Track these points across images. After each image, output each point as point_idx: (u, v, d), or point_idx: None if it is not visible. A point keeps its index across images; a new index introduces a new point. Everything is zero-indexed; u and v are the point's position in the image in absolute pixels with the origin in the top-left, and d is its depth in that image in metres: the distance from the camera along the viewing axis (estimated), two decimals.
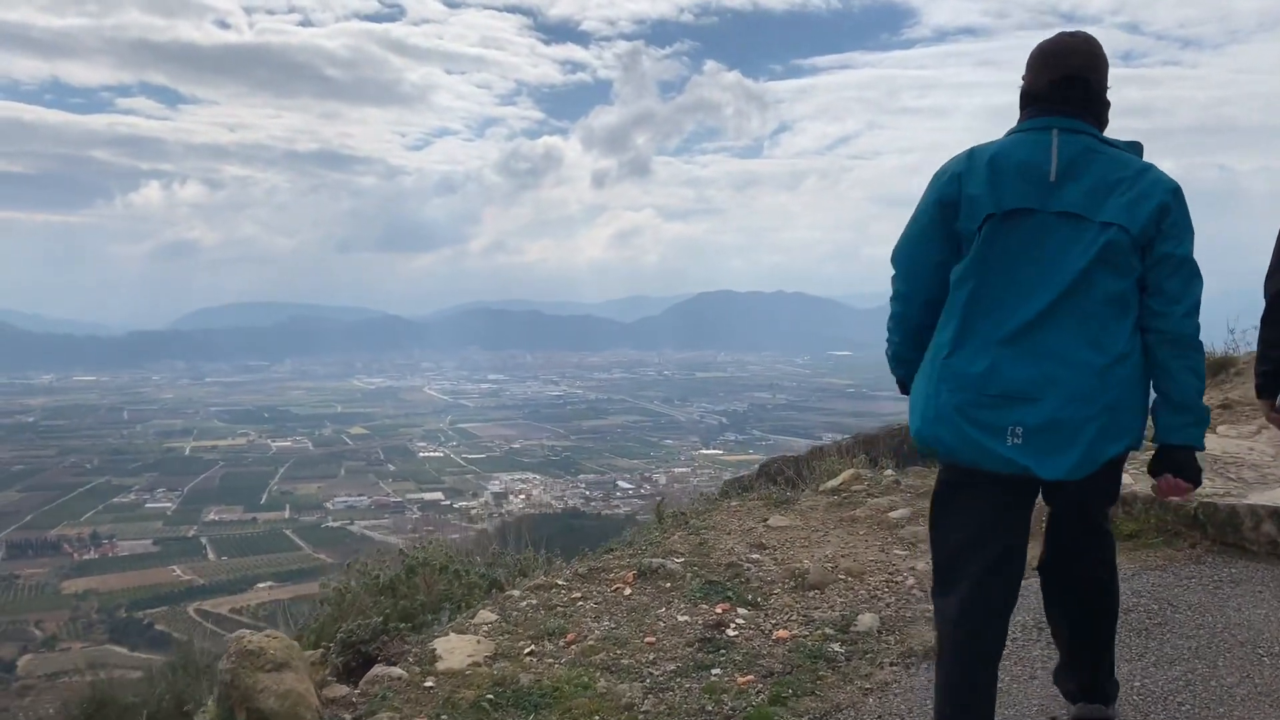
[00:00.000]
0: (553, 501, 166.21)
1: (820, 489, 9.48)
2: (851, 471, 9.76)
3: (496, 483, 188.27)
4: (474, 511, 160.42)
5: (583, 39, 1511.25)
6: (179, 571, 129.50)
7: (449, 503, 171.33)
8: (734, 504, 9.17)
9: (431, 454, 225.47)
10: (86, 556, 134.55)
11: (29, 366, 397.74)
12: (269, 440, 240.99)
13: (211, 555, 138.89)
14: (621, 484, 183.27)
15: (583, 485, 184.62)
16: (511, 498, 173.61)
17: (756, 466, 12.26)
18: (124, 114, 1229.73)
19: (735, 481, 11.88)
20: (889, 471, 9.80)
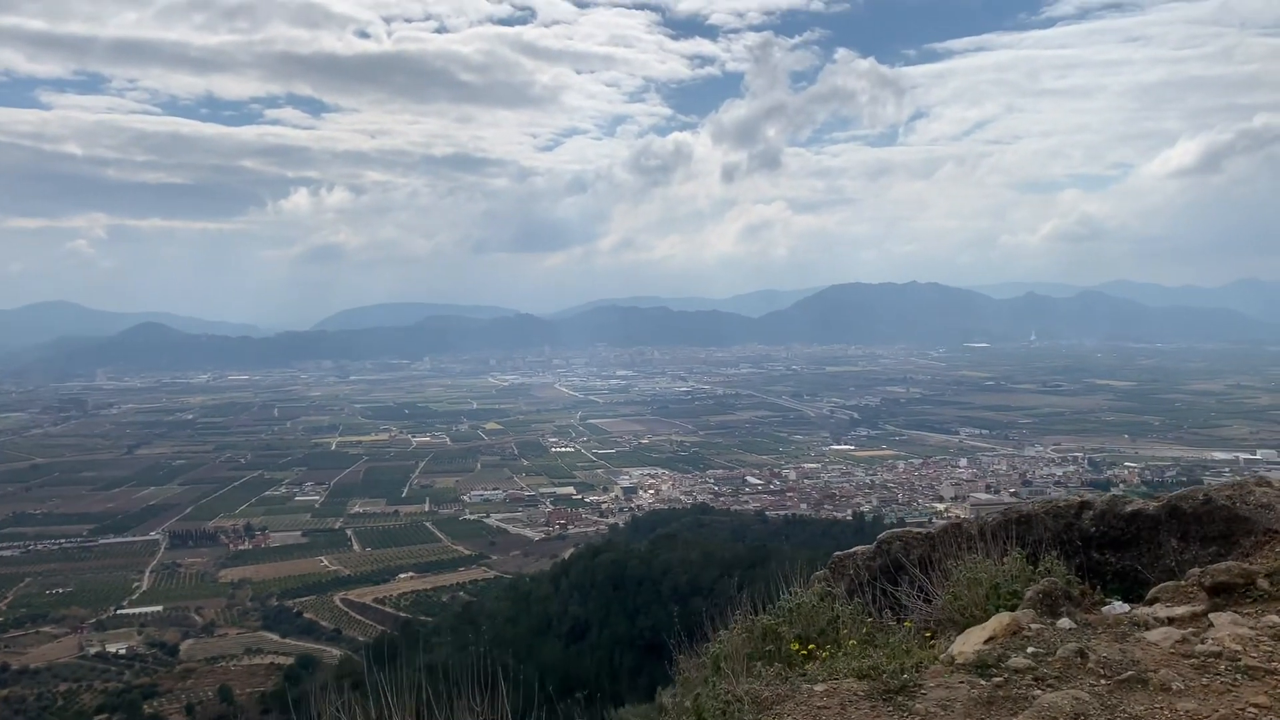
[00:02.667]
0: (681, 496, 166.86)
1: (956, 657, 6.13)
2: (1008, 619, 6.61)
3: (626, 477, 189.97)
4: (605, 506, 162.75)
5: (710, 32, 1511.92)
6: (326, 562, 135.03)
7: (580, 497, 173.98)
8: (819, 689, 5.87)
9: (563, 449, 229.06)
10: (241, 547, 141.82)
11: (188, 366, 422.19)
12: (409, 435, 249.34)
13: (356, 546, 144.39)
14: (750, 479, 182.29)
15: (711, 480, 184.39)
16: (641, 492, 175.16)
17: (873, 545, 9.24)
18: (272, 124, 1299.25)
19: (841, 565, 9.04)
20: (1066, 623, 6.61)
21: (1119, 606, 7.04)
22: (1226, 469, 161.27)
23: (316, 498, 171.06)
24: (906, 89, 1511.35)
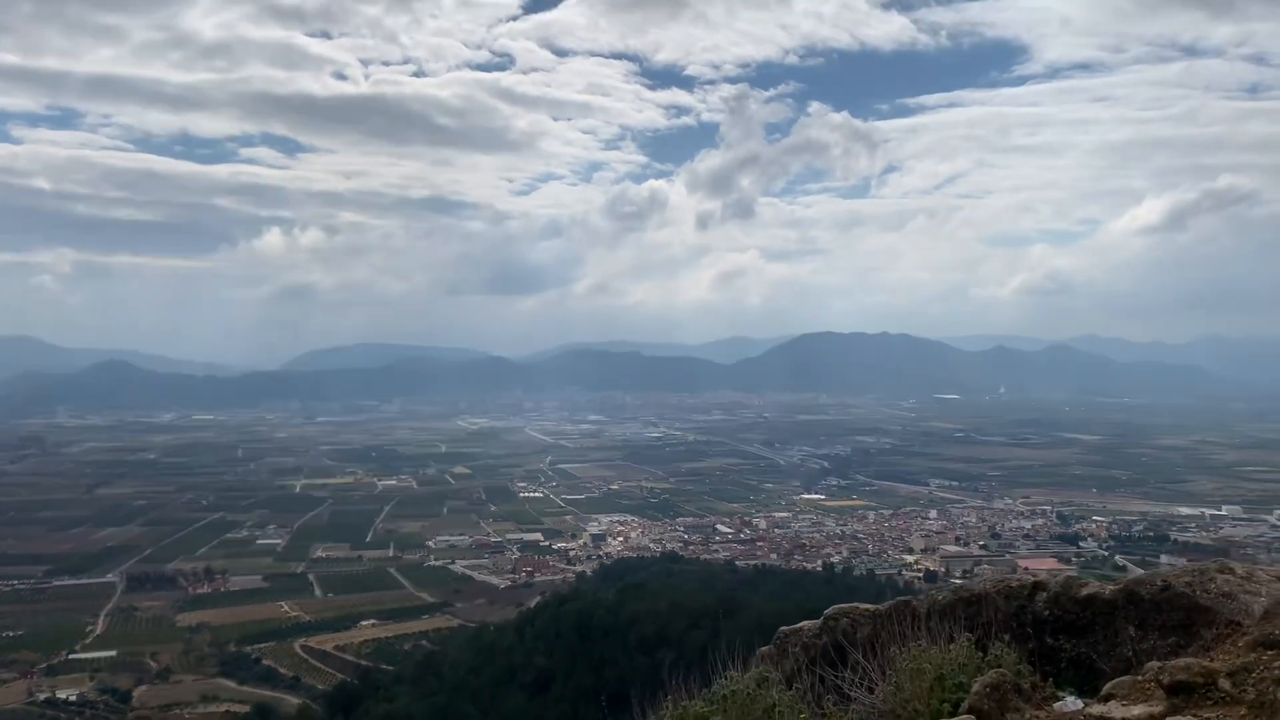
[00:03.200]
0: (651, 544, 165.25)
1: None
2: None
3: (595, 524, 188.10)
4: (573, 553, 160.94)
5: (687, 83, 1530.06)
6: (286, 607, 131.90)
7: (548, 543, 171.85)
8: None
9: (532, 494, 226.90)
10: (200, 590, 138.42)
11: (153, 405, 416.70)
12: (375, 479, 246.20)
13: (318, 591, 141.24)
14: (721, 528, 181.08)
15: (681, 528, 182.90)
16: (610, 540, 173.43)
17: (820, 621, 8.77)
18: (246, 163, 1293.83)
19: (785, 642, 8.74)
20: None
21: (1072, 703, 6.69)
22: (1193, 524, 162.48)
23: (279, 541, 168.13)
24: (879, 142, 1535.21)
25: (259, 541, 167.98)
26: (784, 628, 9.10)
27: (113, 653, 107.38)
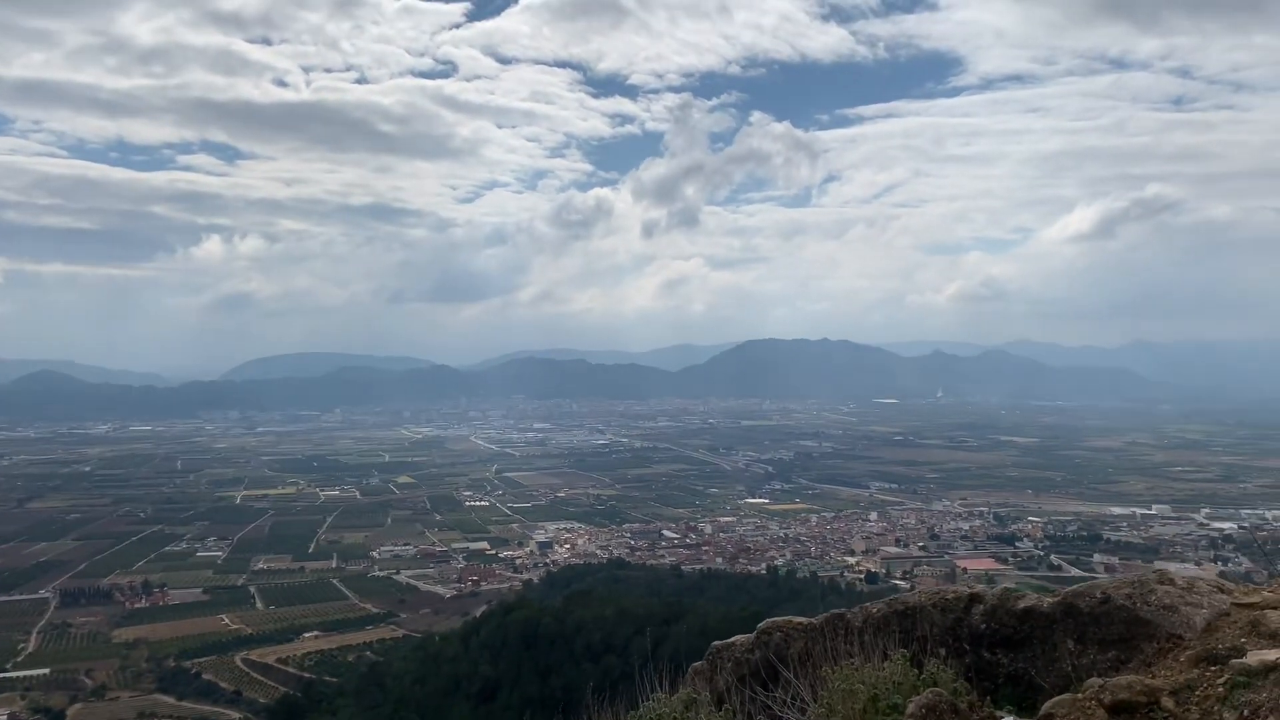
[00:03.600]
0: (598, 551, 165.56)
1: None
2: None
3: (542, 532, 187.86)
4: (519, 561, 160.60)
5: (631, 92, 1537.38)
6: (227, 620, 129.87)
7: (494, 552, 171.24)
8: None
9: (477, 503, 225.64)
10: (138, 605, 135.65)
11: (88, 416, 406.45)
12: (318, 489, 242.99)
13: (260, 604, 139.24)
14: (667, 533, 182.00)
15: (628, 534, 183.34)
16: (557, 547, 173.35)
17: (753, 636, 8.48)
18: (184, 170, 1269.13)
19: (719, 657, 8.48)
20: None
21: None
22: (1124, 524, 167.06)
23: (219, 553, 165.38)
24: (820, 152, 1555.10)
25: (199, 554, 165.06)
26: (716, 642, 8.87)
27: (46, 670, 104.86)
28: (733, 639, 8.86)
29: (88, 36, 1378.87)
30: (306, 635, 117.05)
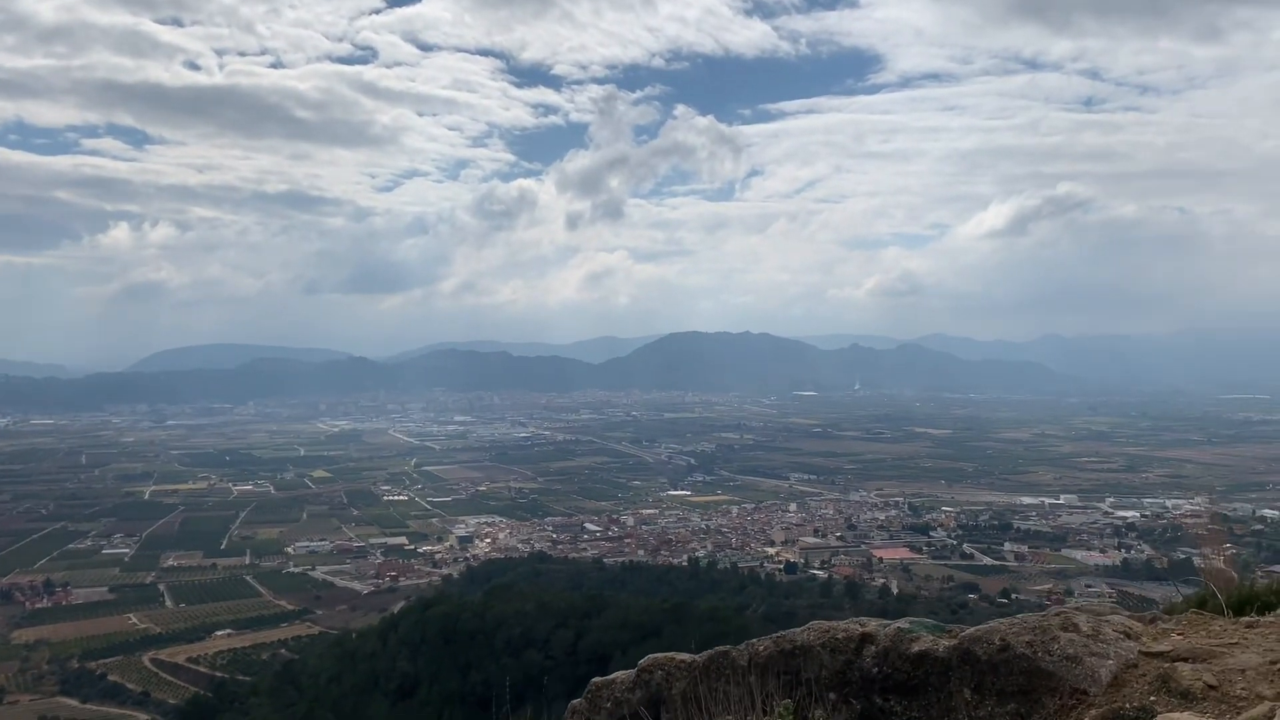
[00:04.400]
0: (519, 545, 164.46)
1: None
2: None
3: (462, 526, 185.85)
4: (439, 556, 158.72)
5: (554, 82, 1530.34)
6: (135, 620, 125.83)
7: (413, 547, 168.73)
8: None
9: (396, 498, 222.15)
10: (39, 605, 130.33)
11: None
12: (230, 484, 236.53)
13: (169, 602, 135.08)
14: (589, 526, 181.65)
15: (550, 528, 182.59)
16: (478, 541, 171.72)
17: (634, 674, 8.15)
18: (90, 155, 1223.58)
19: (598, 697, 8.14)
20: None
21: None
22: (1034, 513, 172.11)
23: (126, 550, 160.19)
24: (743, 147, 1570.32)
25: (104, 552, 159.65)
26: (596, 679, 8.33)
27: None
28: (613, 676, 8.28)
29: None
30: (218, 634, 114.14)
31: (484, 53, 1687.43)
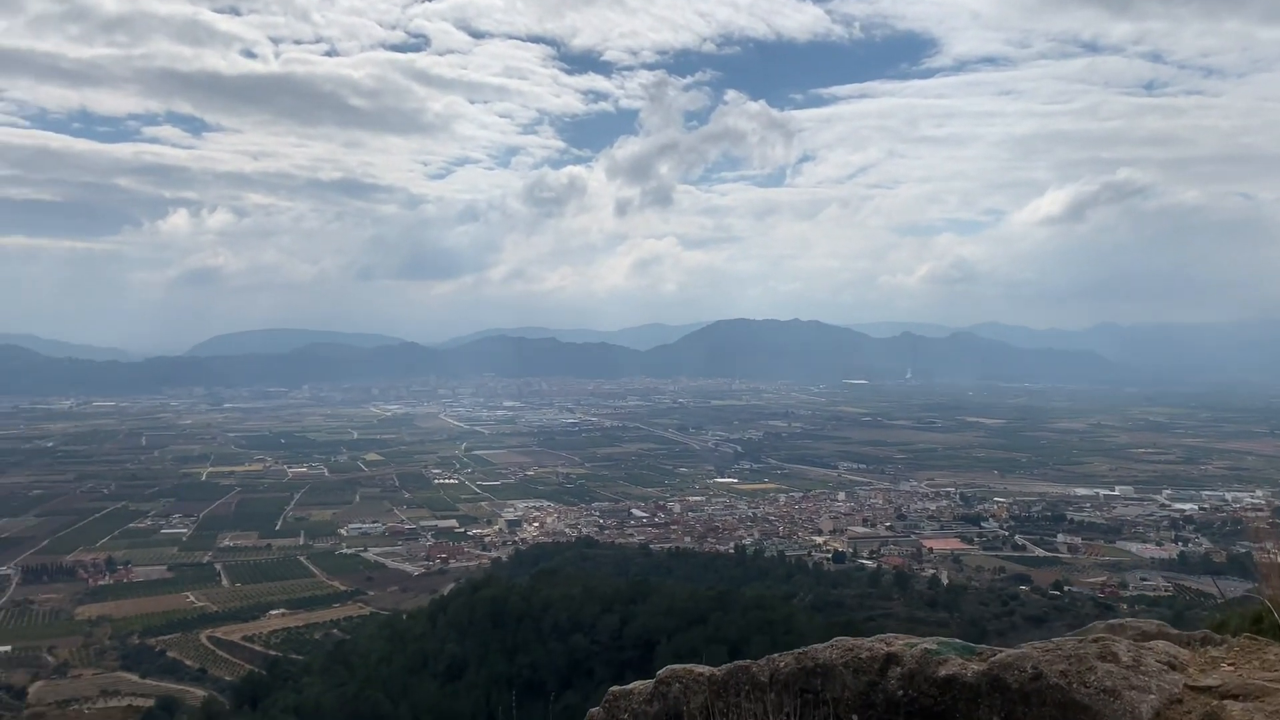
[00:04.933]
0: (566, 529, 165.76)
1: None
2: None
3: (511, 510, 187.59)
4: (488, 539, 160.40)
5: (605, 69, 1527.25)
6: (192, 598, 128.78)
7: (463, 530, 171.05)
8: None
9: (446, 481, 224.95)
10: (101, 582, 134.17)
11: (51, 391, 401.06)
12: (285, 466, 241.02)
13: (225, 581, 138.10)
14: (636, 512, 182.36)
15: (597, 513, 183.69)
16: (526, 525, 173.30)
17: (652, 685, 7.79)
18: (150, 142, 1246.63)
19: (615, 707, 7.94)
20: None
21: None
22: (1088, 504, 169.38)
23: (184, 530, 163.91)
24: (794, 132, 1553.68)
25: (163, 531, 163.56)
26: (614, 688, 8.21)
27: (7, 648, 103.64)
28: (631, 686, 8.07)
29: (50, 4, 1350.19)
30: (273, 613, 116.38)
31: (535, 40, 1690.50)
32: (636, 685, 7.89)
